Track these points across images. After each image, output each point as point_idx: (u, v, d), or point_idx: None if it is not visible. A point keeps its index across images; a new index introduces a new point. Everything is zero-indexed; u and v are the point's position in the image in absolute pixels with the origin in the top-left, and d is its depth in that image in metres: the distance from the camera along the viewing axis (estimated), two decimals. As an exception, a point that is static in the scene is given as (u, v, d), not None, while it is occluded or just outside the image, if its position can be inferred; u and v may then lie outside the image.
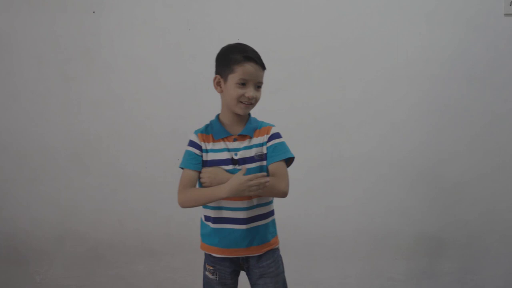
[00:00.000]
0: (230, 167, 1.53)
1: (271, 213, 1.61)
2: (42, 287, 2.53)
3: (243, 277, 1.67)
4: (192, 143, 1.58)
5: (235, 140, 1.56)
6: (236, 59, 1.52)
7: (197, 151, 1.56)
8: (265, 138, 1.56)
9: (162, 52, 2.44)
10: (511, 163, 2.39)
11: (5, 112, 2.51)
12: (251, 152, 1.55)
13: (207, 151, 1.56)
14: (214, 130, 1.58)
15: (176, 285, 2.49)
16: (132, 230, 2.49)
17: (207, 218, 1.59)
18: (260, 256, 1.58)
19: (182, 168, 1.57)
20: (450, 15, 2.36)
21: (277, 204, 1.66)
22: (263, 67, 1.55)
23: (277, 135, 1.56)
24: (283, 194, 1.51)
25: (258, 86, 1.54)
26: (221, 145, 1.56)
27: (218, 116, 1.62)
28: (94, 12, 2.45)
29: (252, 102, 1.53)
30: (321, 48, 2.38)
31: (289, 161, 1.57)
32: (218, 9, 2.42)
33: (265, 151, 1.55)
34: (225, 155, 1.54)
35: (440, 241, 2.42)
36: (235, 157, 1.54)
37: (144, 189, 2.48)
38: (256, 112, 1.65)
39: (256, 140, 1.55)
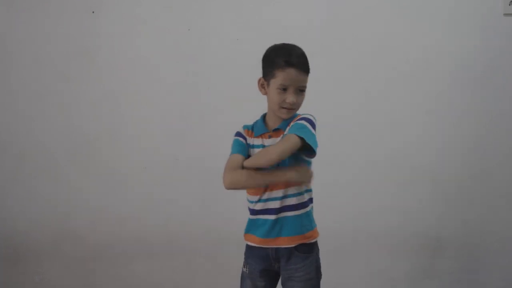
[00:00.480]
0: None
1: (304, 204, 1.57)
2: (41, 287, 2.53)
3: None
4: (238, 134, 1.63)
5: (270, 137, 1.57)
6: (278, 64, 1.52)
7: (243, 140, 1.60)
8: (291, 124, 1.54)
9: (161, 52, 2.44)
10: (510, 163, 2.39)
11: (4, 112, 2.50)
12: None
13: (249, 146, 1.60)
14: (256, 127, 1.61)
15: (175, 285, 2.49)
16: (131, 230, 2.48)
17: (249, 210, 1.61)
18: (290, 256, 1.56)
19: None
20: (448, 15, 2.36)
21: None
22: (306, 71, 1.54)
23: (301, 118, 1.53)
24: (272, 158, 1.47)
25: (300, 90, 1.54)
26: (258, 141, 1.58)
27: (264, 115, 1.63)
28: (93, 12, 2.45)
29: (293, 107, 1.54)
30: (321, 48, 2.38)
31: (312, 152, 1.52)
32: (217, 9, 2.41)
33: None
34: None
35: (440, 240, 2.42)
36: None
37: (143, 190, 2.47)
38: (254, 112, 1.65)
39: (286, 131, 1.53)
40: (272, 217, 1.54)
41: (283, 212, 1.54)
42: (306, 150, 1.51)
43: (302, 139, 1.47)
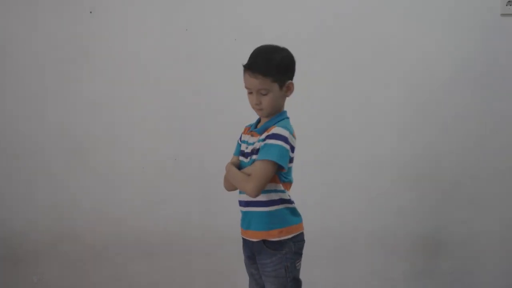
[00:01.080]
0: (241, 158, 1.64)
1: (275, 202, 1.57)
2: (39, 287, 2.52)
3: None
4: (240, 135, 1.71)
5: (252, 135, 1.62)
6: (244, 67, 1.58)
7: (240, 141, 1.70)
8: (264, 136, 1.55)
9: (159, 52, 2.43)
10: (510, 163, 2.39)
11: (2, 112, 2.50)
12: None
13: (241, 142, 1.69)
14: (253, 124, 1.67)
15: (175, 285, 2.49)
16: (129, 230, 2.48)
17: None
18: (260, 250, 1.59)
19: None
20: (446, 15, 2.36)
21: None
22: (262, 73, 1.52)
23: (273, 136, 1.53)
24: (249, 194, 1.53)
25: (261, 93, 1.55)
26: (246, 137, 1.65)
27: None
28: (91, 12, 2.44)
29: (259, 107, 1.57)
30: (321, 48, 2.37)
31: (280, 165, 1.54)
32: (216, 8, 2.41)
33: (257, 147, 1.56)
34: (243, 147, 1.64)
35: (439, 240, 2.42)
36: (246, 150, 1.62)
37: (142, 190, 2.47)
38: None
39: (262, 137, 1.56)
40: (243, 209, 1.61)
41: (250, 207, 1.59)
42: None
43: (271, 161, 1.50)
